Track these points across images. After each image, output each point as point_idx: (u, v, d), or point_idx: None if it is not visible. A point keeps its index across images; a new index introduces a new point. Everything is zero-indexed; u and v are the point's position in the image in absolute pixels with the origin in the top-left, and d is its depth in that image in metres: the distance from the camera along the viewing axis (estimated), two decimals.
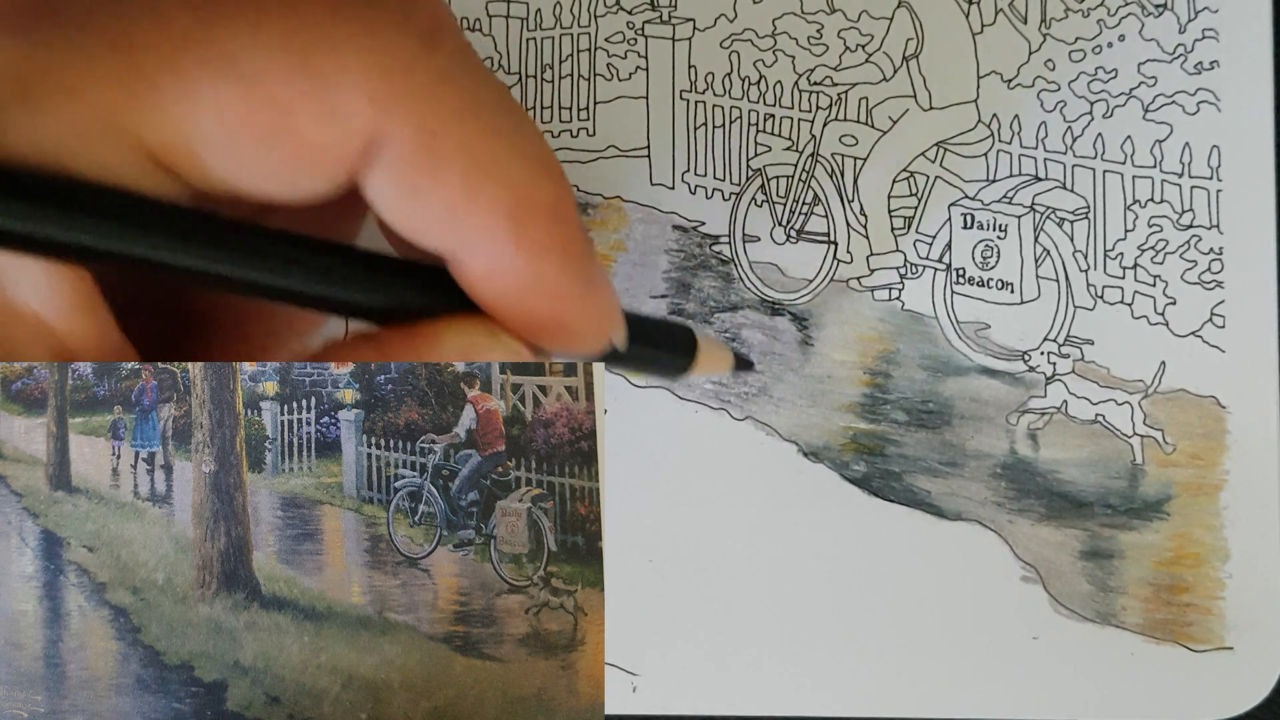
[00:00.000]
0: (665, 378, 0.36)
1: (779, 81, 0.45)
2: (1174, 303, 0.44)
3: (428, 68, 0.23)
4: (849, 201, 0.45)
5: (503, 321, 0.26)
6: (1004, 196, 0.45)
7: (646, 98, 0.46)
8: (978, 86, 0.45)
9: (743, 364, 0.41)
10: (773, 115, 0.46)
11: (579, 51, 0.46)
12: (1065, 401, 0.44)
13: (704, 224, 0.46)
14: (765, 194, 0.45)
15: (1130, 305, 0.44)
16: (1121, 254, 0.44)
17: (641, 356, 0.34)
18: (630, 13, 0.46)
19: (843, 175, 0.45)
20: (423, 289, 0.26)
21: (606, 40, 0.46)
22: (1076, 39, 0.45)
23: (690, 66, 0.46)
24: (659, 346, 0.35)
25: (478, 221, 0.24)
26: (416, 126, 0.23)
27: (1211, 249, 0.44)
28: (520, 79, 0.46)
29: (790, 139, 0.45)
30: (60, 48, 0.21)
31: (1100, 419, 0.44)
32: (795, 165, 0.45)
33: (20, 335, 0.23)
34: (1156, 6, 0.45)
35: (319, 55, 0.22)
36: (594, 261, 0.26)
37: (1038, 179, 0.45)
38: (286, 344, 0.30)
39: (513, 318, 0.25)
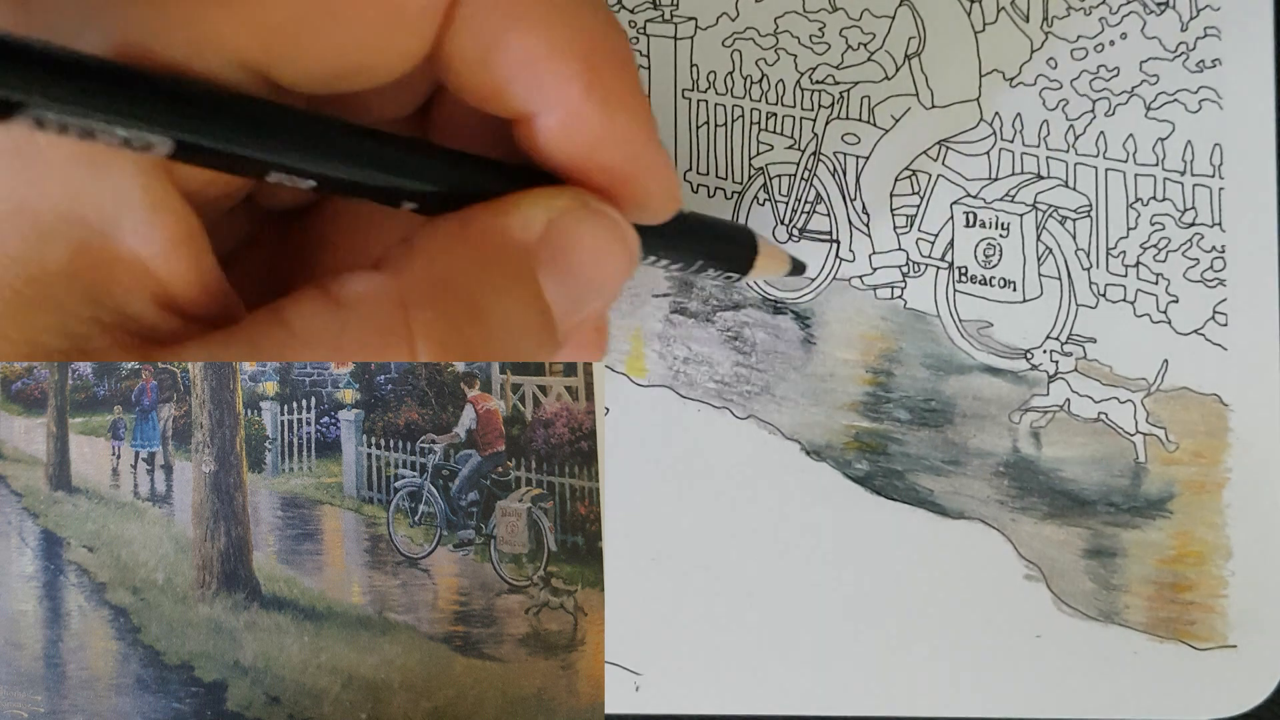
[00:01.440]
0: (725, 272, 0.36)
1: (781, 80, 0.45)
2: (1176, 301, 0.44)
3: None
4: (851, 200, 0.45)
5: (579, 180, 0.26)
6: (1006, 195, 0.45)
7: (648, 96, 0.46)
8: (980, 85, 0.45)
9: (798, 267, 0.41)
10: (775, 114, 0.46)
11: None
12: (1068, 400, 0.44)
13: None
14: (767, 193, 0.45)
15: (1133, 303, 0.44)
16: (1124, 252, 0.44)
17: (705, 236, 0.34)
18: (632, 11, 0.46)
19: (845, 174, 0.45)
20: (500, 175, 0.26)
21: None
22: (1078, 37, 0.45)
23: (692, 65, 0.46)
24: (719, 232, 0.36)
25: (557, 70, 0.24)
26: None
27: (1214, 247, 0.44)
28: None
29: (792, 138, 0.45)
30: None
31: (1103, 417, 0.44)
32: (797, 164, 0.45)
33: (122, 279, 0.22)
34: (1158, 4, 0.45)
35: None
36: (655, 124, 0.27)
37: (1040, 177, 0.45)
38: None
39: (587, 174, 0.26)
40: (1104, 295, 0.44)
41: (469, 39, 0.24)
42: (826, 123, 0.45)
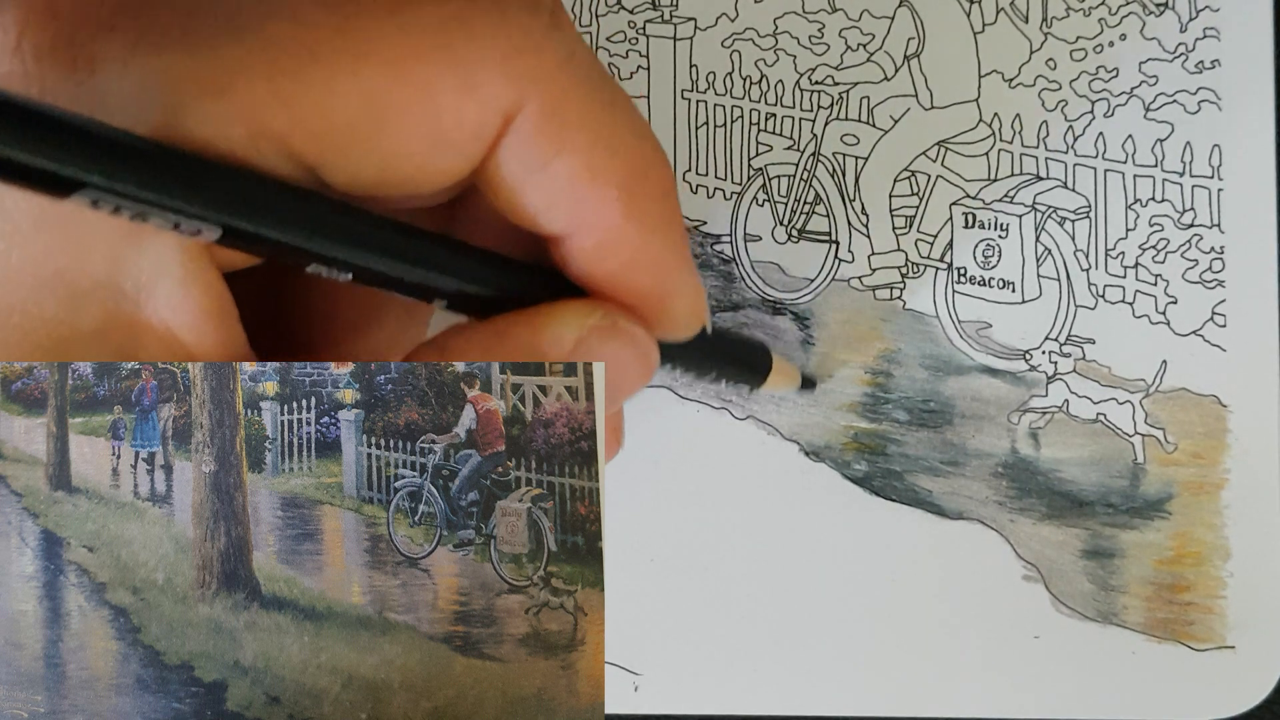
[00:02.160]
0: (735, 387, 0.37)
1: (780, 81, 0.45)
2: (1175, 302, 0.44)
3: (555, 46, 0.24)
4: (850, 201, 0.45)
5: (606, 299, 0.26)
6: (1005, 195, 0.45)
7: (648, 97, 0.46)
8: (979, 85, 0.45)
9: (808, 383, 0.43)
10: (774, 114, 0.46)
11: None
12: (1066, 400, 0.44)
13: (705, 223, 0.46)
14: (766, 193, 0.45)
15: (1131, 304, 0.44)
16: (1123, 253, 0.44)
17: (723, 355, 0.35)
18: (631, 12, 0.46)
19: (844, 174, 0.45)
20: (532, 280, 0.26)
21: (608, 40, 0.46)
22: (1078, 38, 0.45)
23: (691, 66, 0.46)
24: (737, 351, 0.37)
25: (597, 194, 0.25)
26: (545, 100, 0.24)
27: (1213, 248, 0.44)
28: None
29: (791, 138, 0.45)
30: (207, 55, 0.22)
31: (1101, 418, 0.44)
32: (796, 164, 0.45)
33: (149, 345, 0.23)
34: (1158, 5, 0.45)
35: (457, 36, 0.23)
36: (688, 242, 0.27)
37: (1039, 178, 0.45)
38: (400, 341, 0.30)
39: (619, 294, 0.26)
40: (1103, 296, 0.44)
41: (513, 163, 0.24)
42: (826, 123, 0.45)
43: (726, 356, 0.36)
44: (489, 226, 0.28)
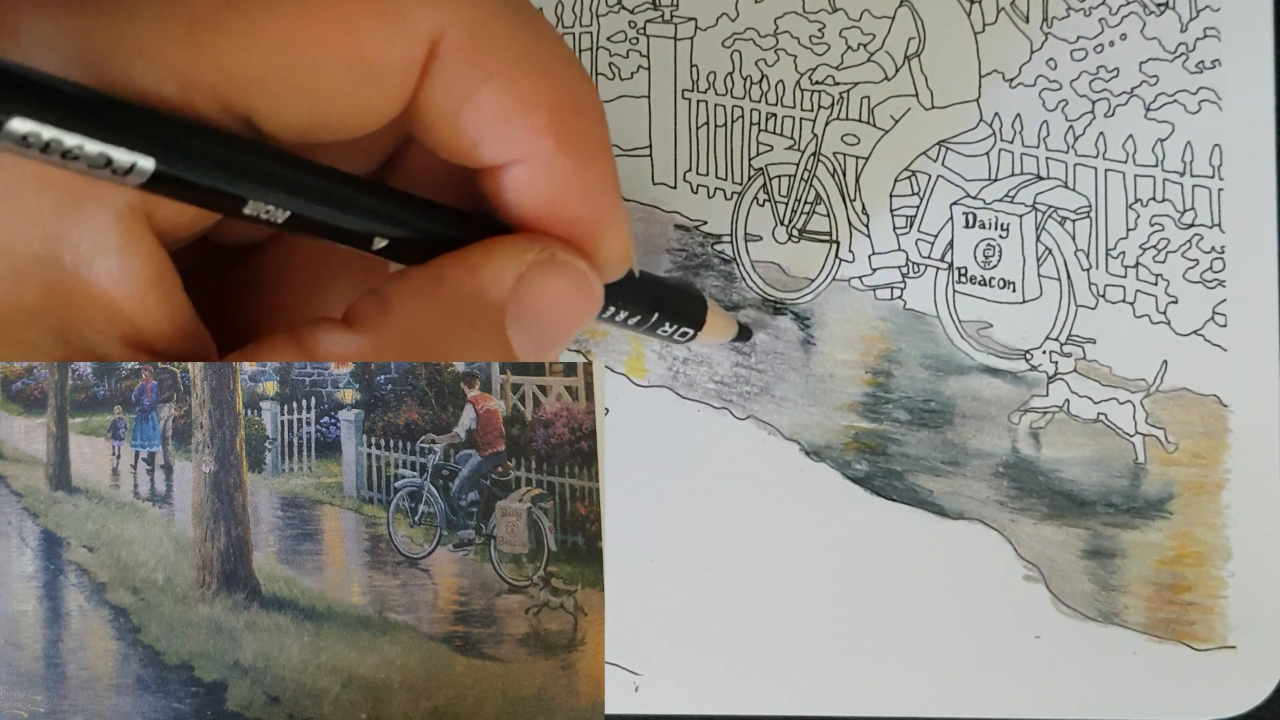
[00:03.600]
0: (672, 334, 0.37)
1: (781, 81, 0.45)
2: (1176, 301, 0.44)
3: None
4: (851, 200, 0.45)
5: (538, 232, 0.26)
6: (1006, 195, 0.45)
7: (648, 97, 0.46)
8: (979, 85, 0.45)
9: (744, 333, 0.43)
10: (774, 114, 0.46)
11: (580, 51, 0.46)
12: (1067, 400, 0.44)
13: (706, 223, 0.46)
14: (767, 193, 0.45)
15: (1132, 304, 0.44)
16: (1123, 253, 0.44)
17: (656, 298, 0.35)
18: (632, 12, 0.46)
19: (844, 174, 0.45)
20: (467, 224, 0.26)
21: (608, 39, 0.46)
22: (1078, 38, 0.45)
23: (692, 66, 0.46)
24: (671, 295, 0.37)
25: (527, 121, 0.25)
26: (468, 24, 0.24)
27: (1213, 248, 0.44)
28: None
29: (792, 138, 0.45)
30: (126, 17, 0.22)
31: (1102, 418, 0.44)
32: (797, 164, 0.45)
33: (92, 318, 0.23)
34: (1158, 5, 0.45)
35: None
36: (619, 179, 0.27)
37: (1039, 178, 0.45)
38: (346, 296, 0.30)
39: (553, 227, 0.26)
40: (1103, 296, 0.44)
41: (443, 95, 0.24)
42: (826, 123, 0.45)
43: (659, 299, 0.35)
44: (424, 184, 0.28)
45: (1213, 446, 0.44)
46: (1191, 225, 0.44)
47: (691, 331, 0.38)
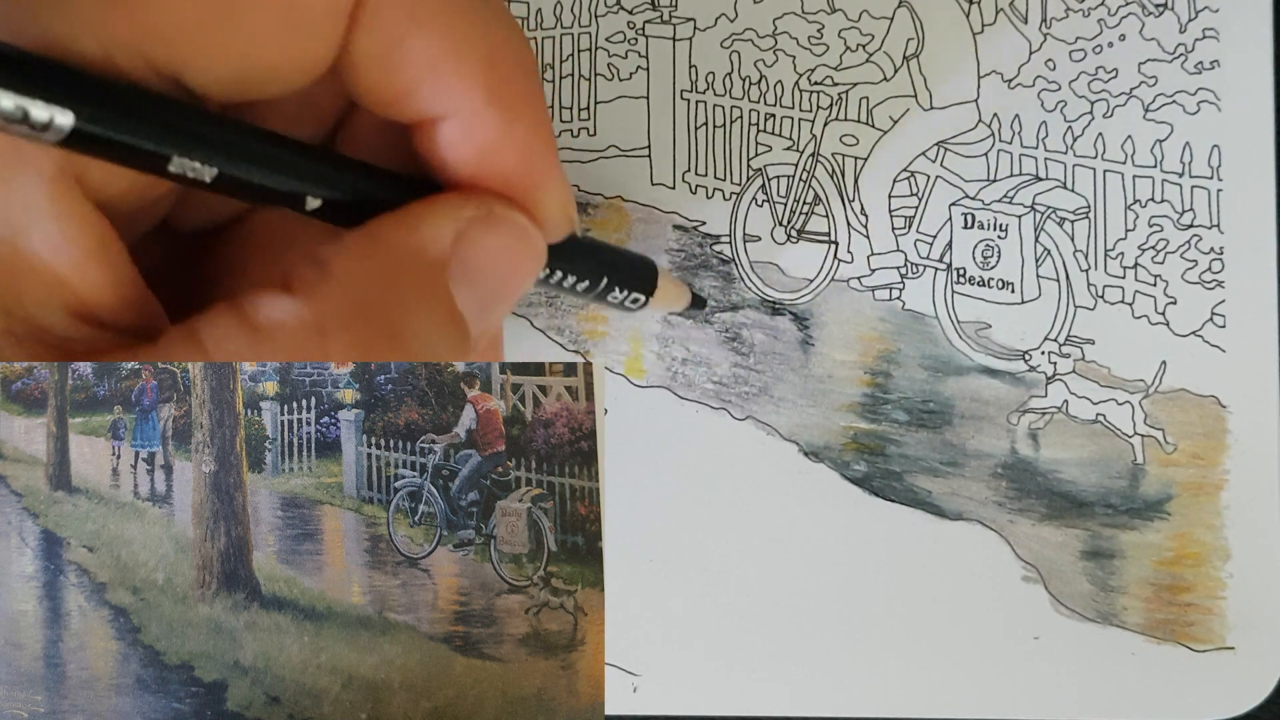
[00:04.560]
0: (623, 300, 0.36)
1: (779, 81, 0.45)
2: (1174, 302, 0.44)
3: None
4: (850, 201, 0.45)
5: (474, 189, 0.26)
6: (1004, 196, 0.45)
7: (647, 97, 0.46)
8: (978, 86, 0.45)
9: (698, 302, 0.42)
10: (773, 115, 0.46)
11: (580, 51, 0.46)
12: (1066, 401, 0.44)
13: (704, 224, 0.46)
14: (766, 194, 0.45)
15: (1131, 305, 0.44)
16: (1122, 254, 0.44)
17: (603, 261, 0.34)
18: (631, 12, 0.46)
19: (843, 175, 0.45)
20: (400, 185, 0.26)
21: (607, 40, 0.46)
22: (1077, 39, 0.45)
23: (691, 66, 0.46)
24: (618, 259, 0.36)
25: (458, 71, 0.24)
26: None
27: (1212, 248, 0.44)
28: None
29: (791, 139, 0.45)
30: None
31: (1101, 419, 0.44)
32: (796, 165, 0.45)
33: (33, 290, 0.22)
34: (1157, 6, 0.45)
35: None
36: (554, 138, 0.27)
37: (1038, 179, 0.45)
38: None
39: (485, 181, 0.26)
40: (1102, 297, 0.44)
41: (373, 41, 0.24)
42: (825, 124, 0.45)
43: (607, 262, 0.35)
44: (374, 152, 0.28)
45: (1211, 447, 0.44)
46: (1190, 226, 0.44)
47: (643, 298, 0.37)
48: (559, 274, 0.32)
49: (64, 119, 0.21)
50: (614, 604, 0.44)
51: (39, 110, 0.21)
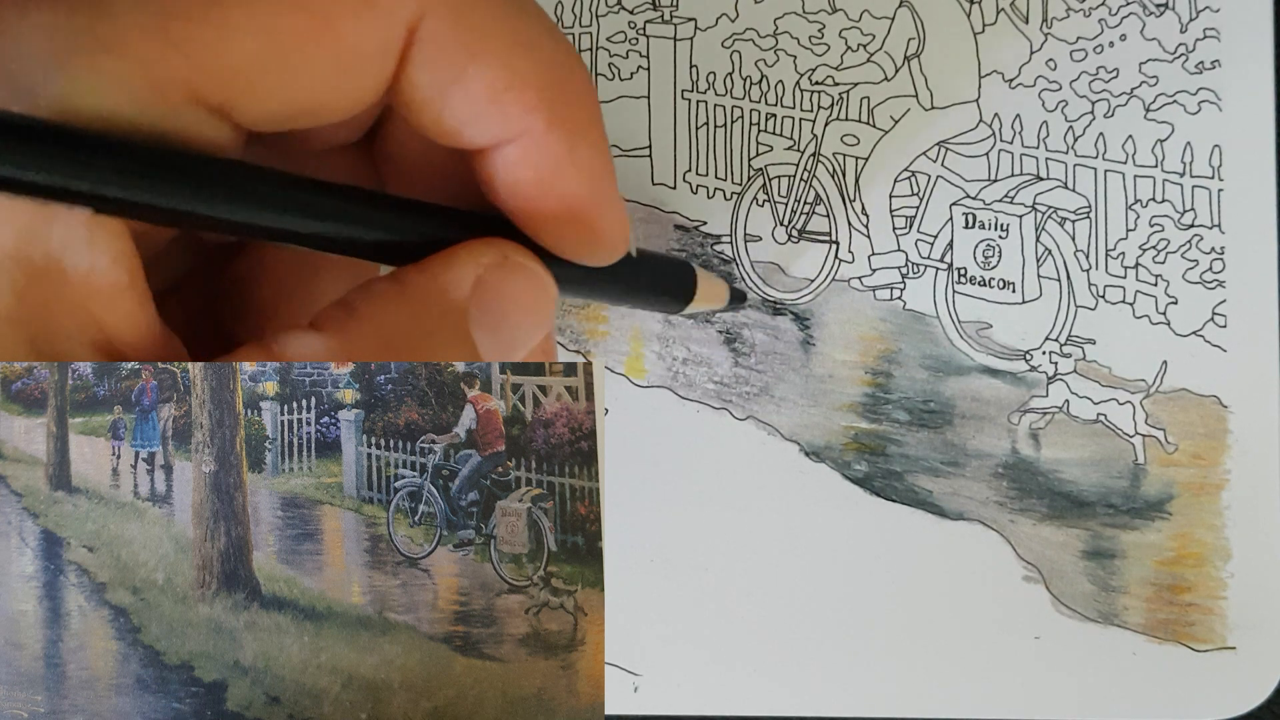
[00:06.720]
0: (665, 307, 0.37)
1: (780, 81, 0.45)
2: (1175, 302, 0.44)
3: None
4: (850, 201, 0.45)
5: (533, 214, 0.26)
6: (1005, 196, 0.45)
7: (648, 97, 0.46)
8: (979, 86, 0.45)
9: (737, 297, 0.42)
10: (774, 115, 0.46)
11: (580, 51, 0.46)
12: (1067, 401, 0.44)
13: (705, 224, 0.46)
14: (767, 194, 0.45)
15: (1132, 305, 0.44)
16: (1123, 253, 0.44)
17: (648, 275, 0.34)
18: (631, 12, 0.46)
19: (844, 175, 0.45)
20: (446, 223, 0.26)
21: (608, 40, 0.46)
22: (1078, 38, 0.45)
23: (692, 66, 0.46)
24: (663, 272, 0.36)
25: (518, 99, 0.24)
26: (449, 7, 0.23)
27: (1213, 248, 0.44)
28: None
29: (792, 139, 0.45)
30: (94, 11, 0.21)
31: (1102, 418, 0.44)
32: (797, 165, 0.45)
33: (64, 323, 0.22)
34: (1158, 6, 0.45)
35: None
36: (612, 159, 0.27)
37: (1039, 178, 0.45)
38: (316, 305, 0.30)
39: (545, 205, 0.26)
40: (1103, 297, 0.44)
41: (428, 76, 0.24)
42: (826, 124, 0.45)
43: (653, 280, 0.35)
44: (409, 155, 0.28)
45: (1212, 447, 0.44)
46: (1191, 226, 0.44)
47: (683, 304, 0.38)
48: (592, 293, 0.32)
49: (88, 199, 0.21)
50: (614, 604, 0.44)
51: (70, 187, 0.21)
